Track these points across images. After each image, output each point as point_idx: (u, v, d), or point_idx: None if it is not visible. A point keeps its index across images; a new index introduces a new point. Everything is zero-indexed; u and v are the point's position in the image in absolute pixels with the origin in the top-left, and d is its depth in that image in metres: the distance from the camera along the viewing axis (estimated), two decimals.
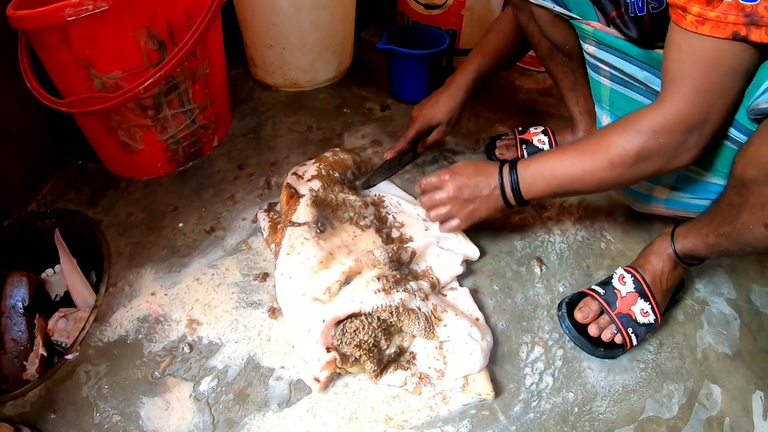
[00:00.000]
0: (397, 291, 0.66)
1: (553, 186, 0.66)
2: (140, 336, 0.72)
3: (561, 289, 0.79)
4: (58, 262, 0.89)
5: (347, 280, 0.68)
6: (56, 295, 0.90)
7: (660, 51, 0.60)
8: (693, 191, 0.70)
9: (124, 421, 0.64)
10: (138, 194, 0.95)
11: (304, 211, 0.73)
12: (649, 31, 0.64)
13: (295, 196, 0.79)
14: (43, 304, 0.85)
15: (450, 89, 0.89)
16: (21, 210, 0.92)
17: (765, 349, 0.73)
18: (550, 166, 0.66)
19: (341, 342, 0.63)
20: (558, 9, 0.71)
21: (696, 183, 0.69)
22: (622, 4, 0.65)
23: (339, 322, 0.64)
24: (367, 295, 0.65)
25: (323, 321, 0.63)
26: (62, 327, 0.81)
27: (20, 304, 0.82)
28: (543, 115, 1.19)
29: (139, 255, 0.84)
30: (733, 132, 0.60)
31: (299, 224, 0.72)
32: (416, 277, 0.74)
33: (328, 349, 0.63)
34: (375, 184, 0.92)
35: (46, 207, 0.94)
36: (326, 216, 0.76)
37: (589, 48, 0.71)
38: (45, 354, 0.77)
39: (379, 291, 0.65)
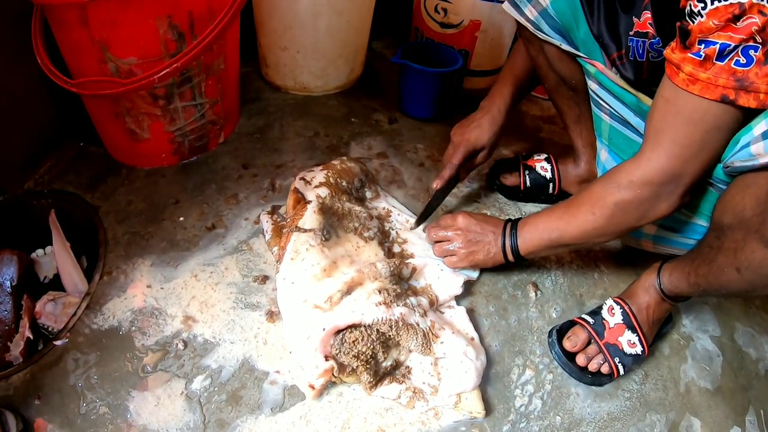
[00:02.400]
0: (398, 305, 0.67)
1: (545, 240, 0.70)
2: (133, 328, 0.71)
3: (554, 315, 0.81)
4: (49, 243, 0.87)
5: (349, 290, 0.68)
6: (45, 277, 0.87)
7: (650, 102, 0.62)
8: (679, 230, 0.73)
9: (112, 413, 0.63)
10: (139, 183, 0.94)
11: (311, 218, 0.73)
12: (648, 76, 0.67)
13: (301, 201, 0.79)
14: (31, 285, 0.83)
15: (491, 113, 0.87)
16: (17, 187, 0.90)
17: (745, 387, 0.76)
18: (544, 219, 0.71)
19: (339, 351, 0.64)
20: (565, 47, 0.73)
21: (682, 222, 0.71)
22: (623, 47, 0.68)
23: (339, 332, 0.64)
24: (369, 307, 0.65)
25: (323, 329, 0.63)
26: (50, 310, 0.79)
27: (8, 283, 0.80)
28: (547, 142, 1.22)
29: (137, 245, 0.83)
30: (715, 181, 0.62)
31: (305, 230, 0.72)
32: (415, 293, 0.75)
33: (326, 358, 0.63)
34: (429, 216, 0.88)
35: (43, 187, 0.92)
36: (332, 224, 0.76)
37: (592, 85, 0.73)
38: (31, 337, 0.75)
39: (380, 304, 0.66)
